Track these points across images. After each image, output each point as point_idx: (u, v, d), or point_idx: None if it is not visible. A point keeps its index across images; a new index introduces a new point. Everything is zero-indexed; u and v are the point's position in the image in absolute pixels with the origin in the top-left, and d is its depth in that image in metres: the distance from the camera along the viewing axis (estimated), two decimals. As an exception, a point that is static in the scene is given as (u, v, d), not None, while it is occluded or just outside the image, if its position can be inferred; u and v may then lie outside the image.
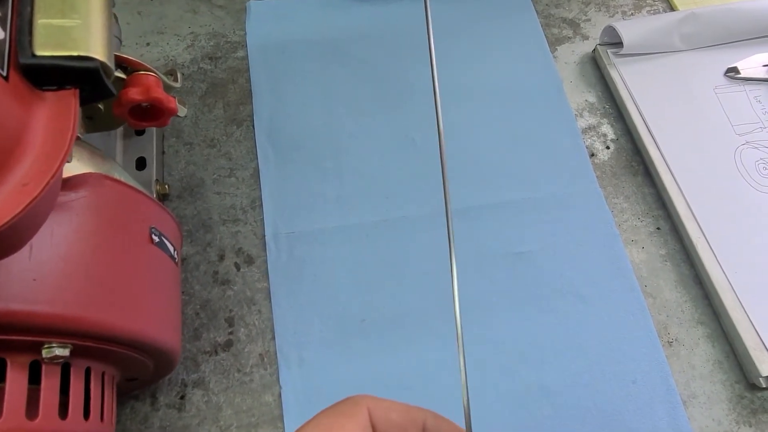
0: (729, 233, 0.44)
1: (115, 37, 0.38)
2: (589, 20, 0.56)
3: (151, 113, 0.29)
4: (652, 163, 0.48)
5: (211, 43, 0.52)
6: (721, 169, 0.47)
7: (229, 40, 0.52)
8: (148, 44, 0.51)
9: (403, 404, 0.21)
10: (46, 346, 0.23)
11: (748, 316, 0.41)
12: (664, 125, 0.49)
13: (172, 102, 0.29)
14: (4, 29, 0.16)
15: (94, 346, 0.25)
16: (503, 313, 0.43)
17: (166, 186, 0.44)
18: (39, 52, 0.17)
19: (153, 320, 0.28)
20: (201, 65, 0.51)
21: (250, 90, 0.50)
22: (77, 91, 0.18)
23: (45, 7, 0.17)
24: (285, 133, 0.48)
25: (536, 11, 0.56)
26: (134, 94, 0.27)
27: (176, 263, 0.32)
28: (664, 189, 0.47)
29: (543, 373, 0.40)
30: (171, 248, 0.31)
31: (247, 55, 0.51)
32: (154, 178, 0.43)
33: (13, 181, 0.16)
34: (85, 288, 0.24)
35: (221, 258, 0.43)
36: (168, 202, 0.45)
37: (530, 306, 0.43)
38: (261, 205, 0.45)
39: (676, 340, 0.42)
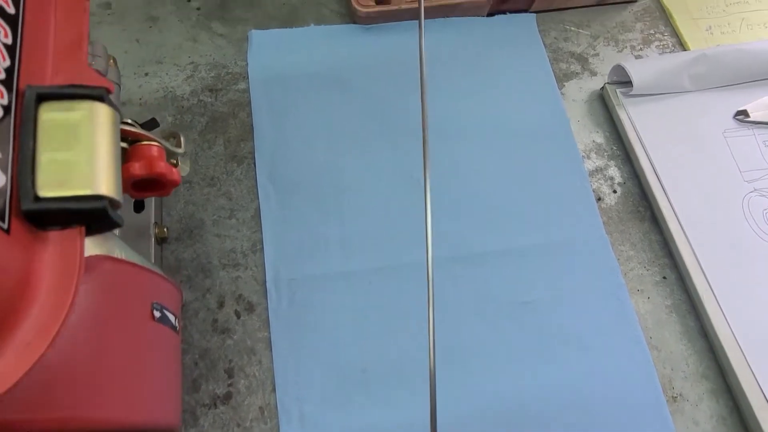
0: (736, 285, 0.44)
1: (114, 83, 0.37)
2: (597, 55, 0.55)
3: (154, 185, 0.28)
4: (659, 209, 0.47)
5: (212, 74, 0.51)
6: (728, 217, 0.47)
7: (230, 71, 0.51)
8: (146, 74, 0.50)
9: None
10: (45, 449, 0.22)
11: (753, 373, 0.41)
12: (672, 170, 0.48)
13: (176, 174, 0.28)
14: (5, 173, 0.15)
15: (93, 440, 0.24)
16: (506, 364, 0.42)
17: (165, 229, 0.43)
18: (43, 193, 0.16)
19: (156, 404, 0.27)
20: (201, 97, 0.49)
21: (252, 125, 0.49)
22: (83, 228, 0.17)
23: (49, 139, 0.16)
24: (287, 172, 0.47)
25: (544, 44, 0.55)
26: (137, 169, 0.26)
27: (177, 332, 0.31)
28: (671, 237, 0.46)
29: (546, 428, 0.40)
30: (172, 318, 0.30)
31: (249, 87, 0.50)
32: (153, 221, 0.42)
33: (16, 340, 0.15)
34: (87, 386, 0.23)
35: (221, 305, 0.42)
36: (167, 244, 0.44)
37: (534, 357, 0.42)
38: (262, 248, 0.44)
39: (680, 395, 0.42)
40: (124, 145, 0.27)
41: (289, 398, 0.40)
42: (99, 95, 0.17)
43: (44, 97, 0.17)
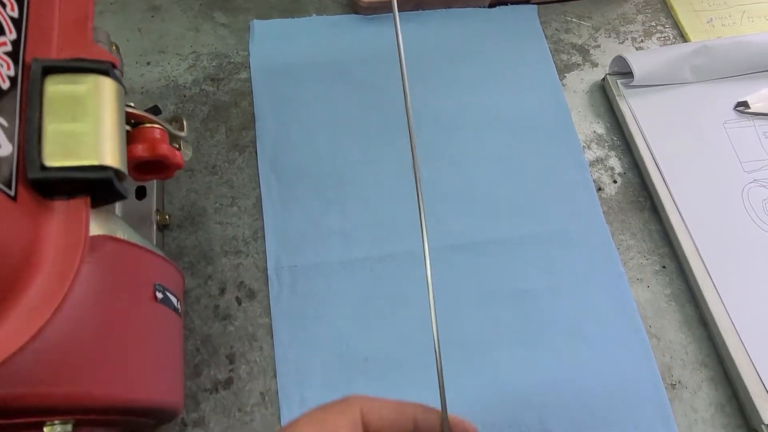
0: (735, 274, 0.44)
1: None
2: (598, 46, 0.55)
3: (157, 167, 0.28)
4: (659, 199, 0.47)
5: (214, 64, 0.51)
6: (728, 207, 0.47)
7: (231, 60, 0.51)
8: (148, 63, 0.50)
9: (394, 401, 0.22)
10: (47, 424, 0.22)
11: (752, 361, 0.41)
12: (672, 160, 0.48)
13: (179, 156, 0.28)
14: (12, 142, 0.15)
15: (97, 418, 0.24)
16: (506, 353, 0.42)
17: (167, 216, 0.43)
18: (49, 163, 0.16)
19: (158, 384, 0.27)
20: (203, 87, 0.50)
21: (253, 114, 0.49)
22: (88, 199, 0.17)
23: (55, 111, 0.16)
24: (288, 161, 0.47)
25: (546, 36, 0.55)
26: (140, 151, 0.26)
27: (179, 314, 0.31)
28: (671, 227, 0.46)
29: (545, 417, 0.40)
30: (174, 300, 0.30)
31: (250, 77, 0.50)
32: (155, 209, 0.42)
33: (21, 305, 0.15)
34: (89, 363, 0.23)
35: (222, 292, 0.43)
36: (168, 231, 0.44)
37: (534, 346, 0.42)
38: (263, 236, 0.44)
39: (679, 382, 0.42)
40: (126, 127, 0.27)
41: (290, 384, 0.40)
42: (104, 69, 0.17)
43: (50, 69, 0.17)
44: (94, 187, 0.17)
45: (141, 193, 0.43)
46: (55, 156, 0.16)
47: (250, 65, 0.51)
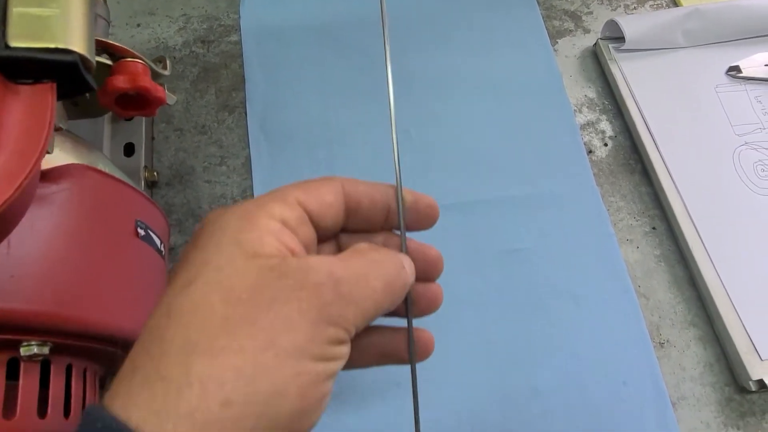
0: (725, 235, 0.44)
1: (102, 18, 0.37)
2: (591, 13, 0.55)
3: (139, 102, 0.28)
4: (650, 161, 0.47)
5: (204, 26, 0.51)
6: (719, 169, 0.47)
7: (222, 23, 0.51)
8: (138, 25, 0.50)
9: (367, 181, 0.24)
10: (24, 344, 0.22)
11: (740, 319, 0.41)
12: (663, 123, 0.48)
13: (161, 91, 0.28)
14: (-24, 19, 0.15)
15: (75, 343, 0.24)
16: (496, 312, 0.42)
17: (155, 173, 0.43)
18: (13, 44, 0.16)
19: (137, 317, 0.27)
20: (193, 49, 0.49)
21: (243, 76, 0.49)
22: (54, 85, 0.17)
23: (21, -4, 0.16)
24: (278, 122, 0.47)
25: (538, 2, 0.55)
26: (120, 82, 0.26)
27: (163, 257, 0.31)
28: (661, 189, 0.46)
29: (534, 373, 0.40)
30: (157, 241, 0.30)
31: (241, 39, 0.50)
32: (143, 165, 0.42)
33: (-17, 182, 0.15)
34: (66, 284, 0.23)
35: (210, 248, 0.42)
36: (157, 189, 0.44)
37: (523, 305, 0.42)
38: (252, 195, 0.44)
39: (667, 341, 0.42)
40: (108, 62, 0.27)
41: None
42: (73, -40, 0.17)
43: (16, -44, 0.17)
44: (60, 71, 0.17)
45: (129, 149, 0.43)
46: (21, 37, 0.16)
47: (241, 28, 0.50)
